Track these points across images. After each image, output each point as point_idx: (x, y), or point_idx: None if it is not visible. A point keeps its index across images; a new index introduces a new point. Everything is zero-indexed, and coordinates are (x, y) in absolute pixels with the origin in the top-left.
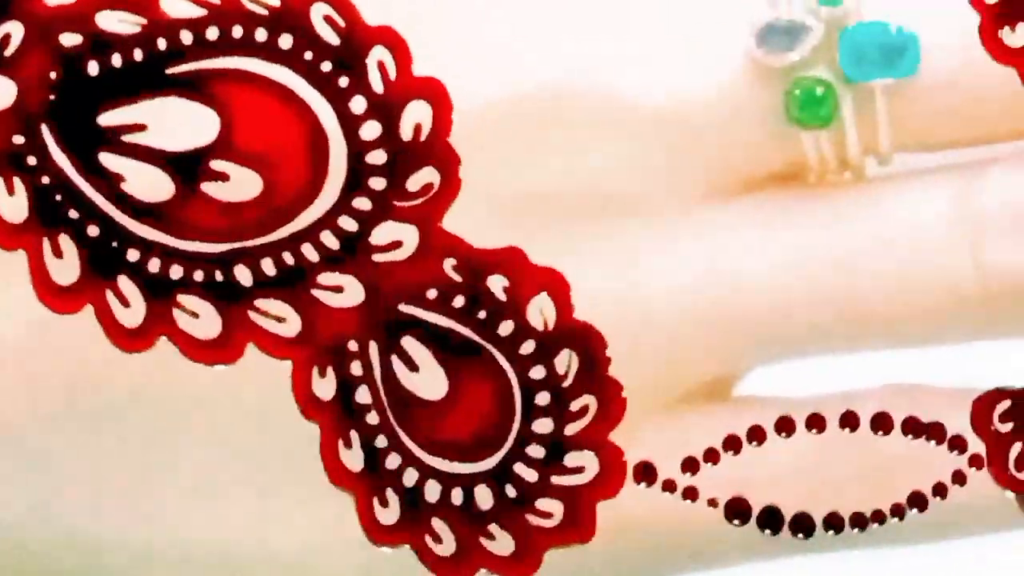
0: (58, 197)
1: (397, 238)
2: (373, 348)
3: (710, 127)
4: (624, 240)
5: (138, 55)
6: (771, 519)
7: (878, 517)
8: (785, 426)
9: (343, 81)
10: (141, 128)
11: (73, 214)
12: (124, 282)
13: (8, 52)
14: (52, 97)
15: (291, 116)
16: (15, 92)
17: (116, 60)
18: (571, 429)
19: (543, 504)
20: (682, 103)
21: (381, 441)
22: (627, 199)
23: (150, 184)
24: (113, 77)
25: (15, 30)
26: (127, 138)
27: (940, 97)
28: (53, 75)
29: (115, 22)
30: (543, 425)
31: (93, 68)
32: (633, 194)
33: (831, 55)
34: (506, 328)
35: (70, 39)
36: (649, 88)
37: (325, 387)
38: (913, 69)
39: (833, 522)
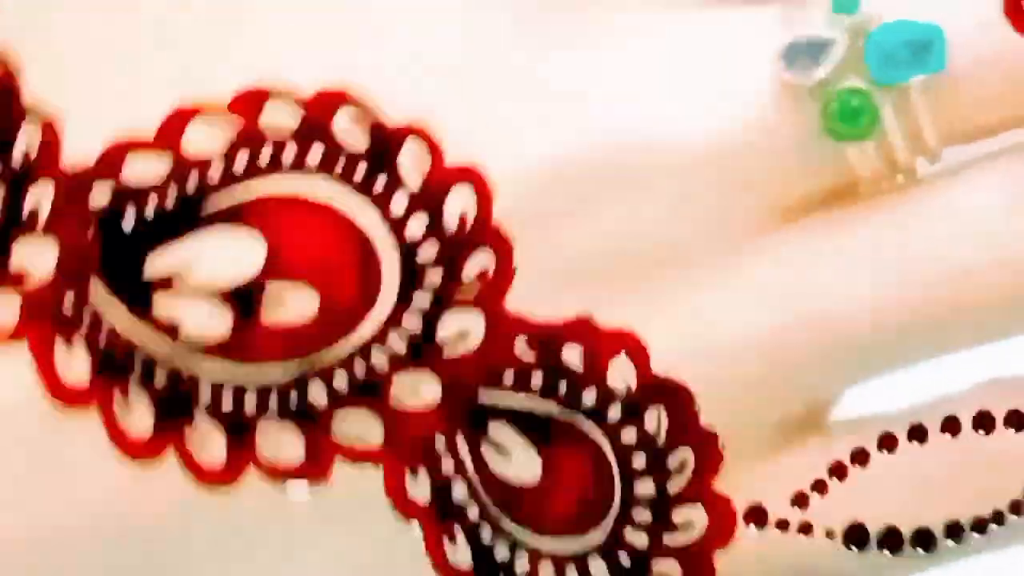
0: (118, 350)
1: (464, 328)
2: (461, 441)
3: (754, 159)
4: (691, 286)
5: (171, 201)
6: (891, 539)
7: (997, 518)
8: (887, 443)
9: (380, 183)
10: (188, 267)
11: (136, 365)
12: (201, 422)
13: (43, 215)
14: (95, 253)
15: (335, 226)
16: (58, 253)
17: (149, 211)
18: (673, 486)
19: (660, 565)
20: (722, 141)
21: (486, 534)
22: (685, 244)
23: (208, 321)
24: (151, 225)
25: (45, 192)
26: (176, 279)
27: (976, 83)
28: (91, 232)
29: (141, 171)
30: (644, 487)
31: (129, 221)
32: (690, 238)
33: (859, 63)
34: (590, 397)
35: (101, 195)
36: (687, 132)
37: (420, 489)
38: (941, 62)
39: (953, 530)
